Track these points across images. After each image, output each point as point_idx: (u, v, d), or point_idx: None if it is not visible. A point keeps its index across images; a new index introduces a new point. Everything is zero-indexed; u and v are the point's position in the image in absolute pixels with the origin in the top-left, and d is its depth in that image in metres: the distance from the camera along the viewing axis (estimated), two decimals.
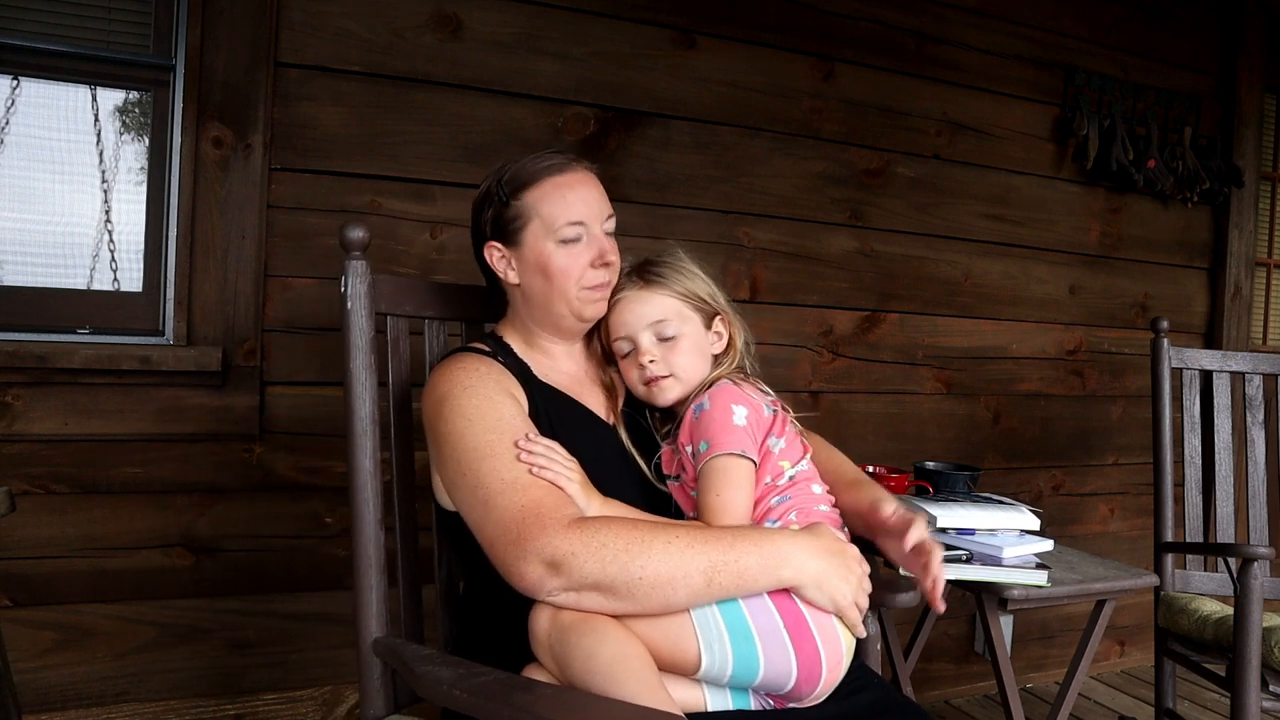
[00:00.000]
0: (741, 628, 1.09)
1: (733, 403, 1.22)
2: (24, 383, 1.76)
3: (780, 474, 1.22)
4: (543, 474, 1.12)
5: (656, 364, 1.27)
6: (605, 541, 1.05)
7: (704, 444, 1.19)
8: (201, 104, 1.86)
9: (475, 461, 1.13)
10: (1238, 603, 1.86)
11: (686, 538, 1.08)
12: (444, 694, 1.04)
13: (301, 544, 2.00)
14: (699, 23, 2.33)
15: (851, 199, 2.55)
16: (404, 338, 1.41)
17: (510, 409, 1.19)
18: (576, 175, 1.28)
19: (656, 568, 1.05)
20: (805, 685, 1.12)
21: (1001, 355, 2.82)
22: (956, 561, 1.66)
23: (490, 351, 1.28)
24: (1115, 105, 2.89)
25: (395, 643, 1.22)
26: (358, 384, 1.26)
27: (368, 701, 1.25)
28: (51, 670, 1.82)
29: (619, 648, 1.04)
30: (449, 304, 1.47)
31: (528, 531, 1.06)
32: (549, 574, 1.04)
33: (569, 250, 1.25)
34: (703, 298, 1.31)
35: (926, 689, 2.75)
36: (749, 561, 1.08)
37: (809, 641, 1.11)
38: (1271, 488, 2.36)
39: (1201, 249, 3.16)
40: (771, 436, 1.23)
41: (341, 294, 1.28)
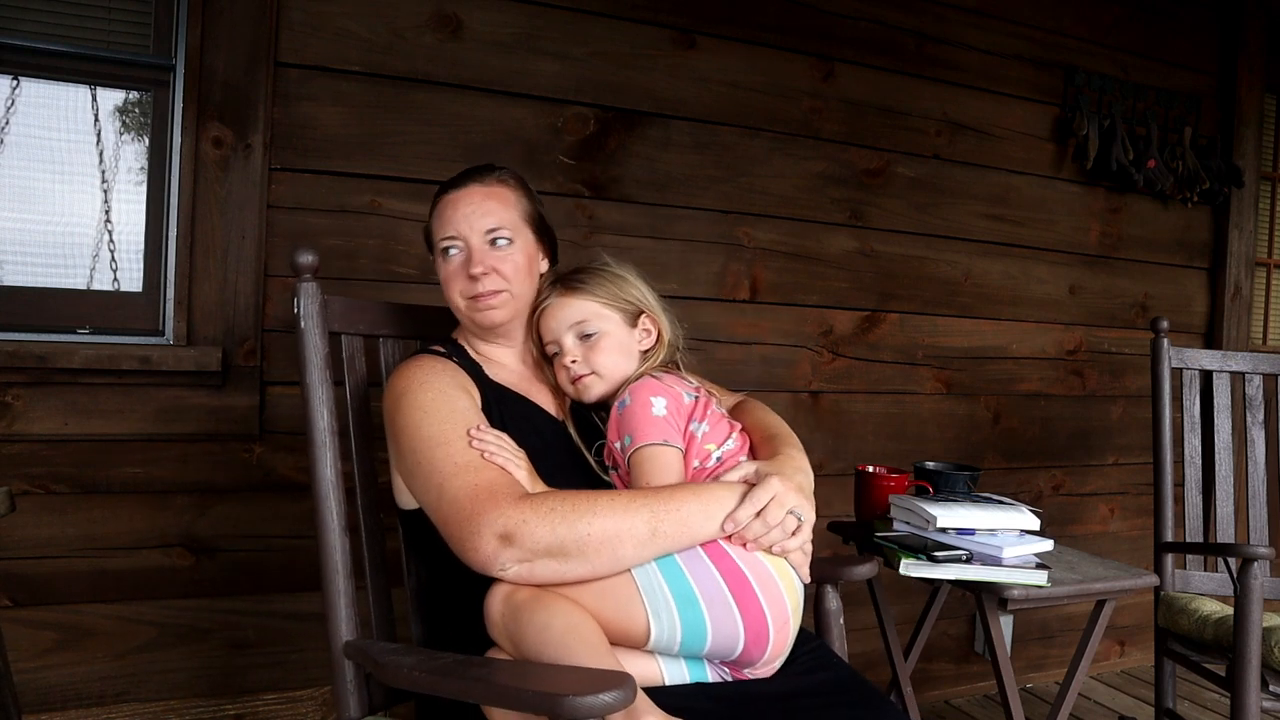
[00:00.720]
0: (686, 593, 1.14)
1: (651, 395, 1.28)
2: (24, 383, 1.76)
3: (707, 456, 1.28)
4: (493, 459, 1.18)
5: (579, 364, 1.35)
6: (553, 506, 1.12)
7: (628, 438, 1.26)
8: (201, 104, 1.86)
9: (430, 449, 1.19)
10: (1238, 603, 1.86)
11: (628, 495, 1.17)
12: (405, 676, 1.10)
13: (301, 544, 2.00)
14: (699, 23, 2.33)
15: (851, 199, 2.55)
16: (359, 354, 1.47)
17: (463, 402, 1.27)
18: (464, 191, 1.38)
19: (603, 524, 1.11)
20: (754, 648, 1.16)
21: (1001, 355, 2.82)
22: (956, 561, 1.66)
23: (445, 353, 1.37)
24: (1115, 105, 2.89)
25: (364, 643, 1.26)
26: (315, 397, 1.32)
27: (342, 704, 1.28)
28: (51, 670, 1.82)
29: (568, 619, 1.09)
30: (402, 323, 1.54)
31: (480, 507, 1.12)
32: (502, 546, 1.10)
33: (447, 264, 1.37)
34: (624, 298, 1.38)
35: (926, 689, 2.75)
36: (690, 508, 1.16)
37: (753, 601, 1.15)
38: (1271, 488, 2.36)
39: (1201, 249, 3.16)
40: (694, 421, 1.29)
41: (295, 314, 1.34)
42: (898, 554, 1.68)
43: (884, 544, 1.75)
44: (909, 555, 1.67)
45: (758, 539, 1.18)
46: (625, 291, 1.38)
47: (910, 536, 1.78)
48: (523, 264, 1.37)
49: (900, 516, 1.85)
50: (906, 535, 1.79)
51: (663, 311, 1.41)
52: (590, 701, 0.91)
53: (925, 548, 1.69)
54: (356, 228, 2.02)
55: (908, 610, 2.58)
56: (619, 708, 0.92)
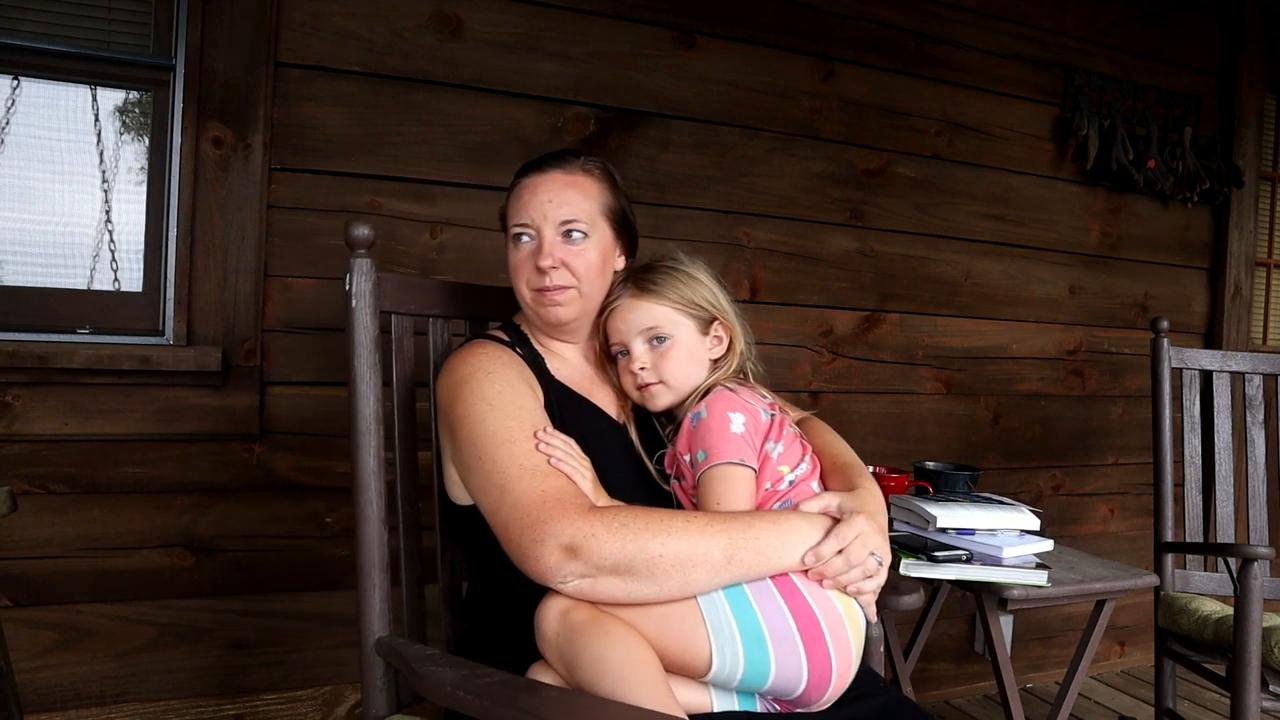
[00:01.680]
0: (754, 630, 1.08)
1: (729, 410, 1.22)
2: (24, 383, 1.76)
3: (780, 479, 1.22)
4: (559, 466, 1.12)
5: (647, 371, 1.29)
6: (625, 522, 1.06)
7: (702, 453, 1.20)
8: (201, 104, 1.86)
9: (494, 446, 1.13)
10: (1238, 603, 1.86)
11: (705, 518, 1.10)
12: (447, 695, 1.03)
13: (301, 544, 2.00)
14: (699, 23, 2.33)
15: (851, 199, 2.55)
16: (408, 336, 1.40)
17: (530, 400, 1.20)
18: (543, 177, 1.30)
19: (676, 545, 1.05)
20: (815, 690, 1.11)
21: (1001, 355, 2.82)
22: (956, 561, 1.66)
23: (510, 341, 1.30)
24: (1115, 105, 2.89)
25: (398, 642, 1.21)
26: (362, 383, 1.26)
27: (370, 701, 1.25)
28: (52, 670, 1.82)
29: (629, 651, 1.04)
30: (454, 302, 1.47)
31: (547, 515, 1.06)
32: (566, 559, 1.04)
33: (518, 251, 1.29)
34: (698, 304, 1.30)
35: (926, 689, 2.75)
36: (768, 538, 1.10)
37: (820, 644, 1.10)
38: (1271, 488, 2.36)
39: (1201, 249, 3.16)
40: (769, 441, 1.23)
41: (346, 292, 1.27)
42: (898, 554, 1.68)
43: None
44: (909, 555, 1.67)
45: (837, 577, 1.12)
46: (699, 295, 1.30)
47: (910, 536, 1.78)
48: (595, 261, 1.29)
49: (900, 516, 1.85)
50: (906, 535, 1.79)
51: (737, 318, 1.34)
52: None
53: (925, 548, 1.69)
54: None
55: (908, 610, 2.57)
56: None
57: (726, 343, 1.33)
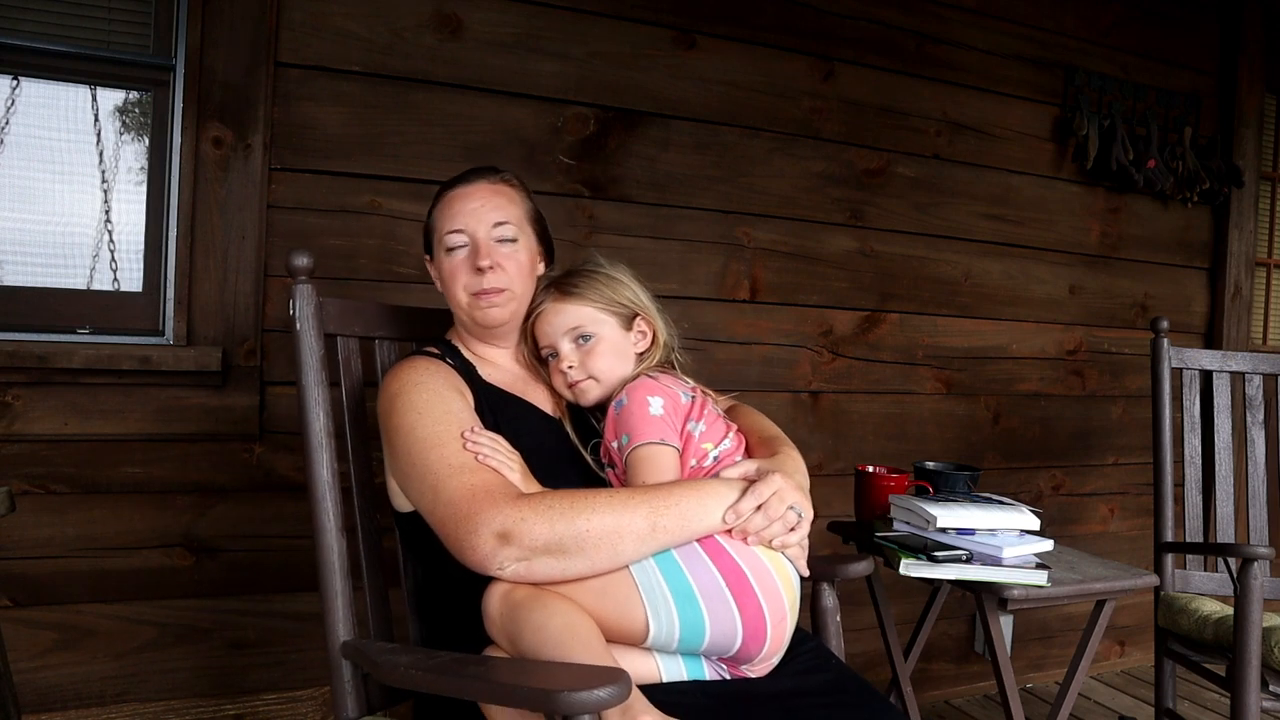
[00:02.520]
0: (685, 589, 1.14)
1: (648, 395, 1.29)
2: (24, 383, 1.76)
3: (704, 455, 1.28)
4: (486, 462, 1.18)
5: (576, 369, 1.35)
6: (551, 504, 1.13)
7: (625, 437, 1.26)
8: (201, 104, 1.86)
9: (425, 451, 1.19)
10: (1238, 603, 1.86)
11: (626, 492, 1.18)
12: (402, 675, 1.10)
13: (301, 544, 1.99)
14: (699, 23, 2.33)
15: (851, 199, 2.55)
16: (354, 355, 1.47)
17: (457, 404, 1.27)
18: (471, 187, 1.38)
19: (602, 520, 1.12)
20: (752, 643, 1.16)
21: (1001, 355, 2.82)
22: (956, 561, 1.66)
23: (440, 354, 1.37)
24: (1115, 105, 2.89)
25: (361, 643, 1.27)
26: (310, 399, 1.33)
27: (340, 704, 1.28)
28: (51, 670, 1.82)
29: (566, 618, 1.10)
30: (397, 325, 1.54)
31: (477, 506, 1.12)
32: (500, 544, 1.10)
33: (452, 258, 1.35)
34: (620, 302, 1.37)
35: (926, 689, 2.75)
36: (688, 503, 1.16)
37: (750, 597, 1.15)
38: (1271, 488, 2.35)
39: (1201, 249, 3.16)
40: (691, 421, 1.29)
41: (290, 316, 1.35)
42: (898, 554, 1.68)
43: (884, 544, 1.75)
44: (909, 555, 1.66)
45: (759, 532, 1.18)
46: (620, 294, 1.38)
47: (910, 536, 1.78)
48: (525, 263, 1.37)
49: (900, 516, 1.85)
50: (906, 535, 1.79)
51: (658, 313, 1.41)
52: (585, 697, 0.91)
53: (925, 548, 1.68)
54: (356, 228, 2.02)
55: (908, 610, 2.57)
56: (614, 703, 0.93)
57: (650, 336, 1.40)
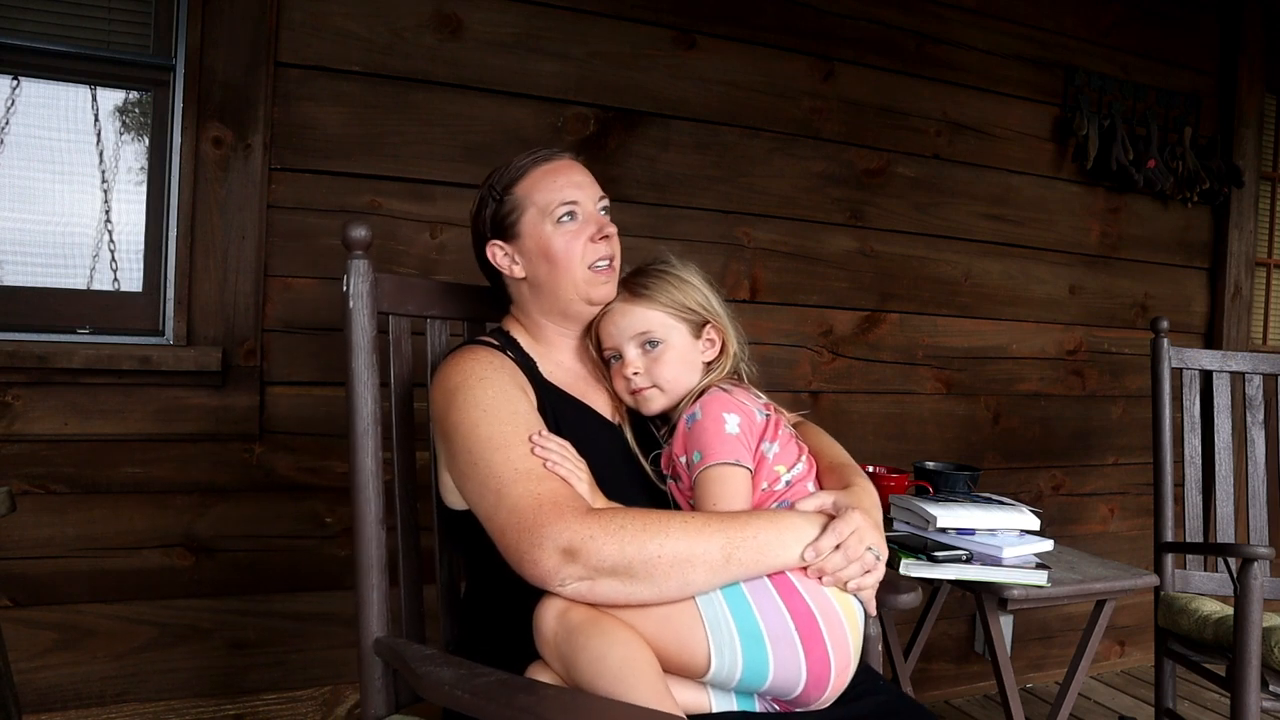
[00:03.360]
0: (753, 630, 1.08)
1: (724, 411, 1.22)
2: (24, 383, 1.76)
3: (776, 479, 1.22)
4: (555, 469, 1.12)
5: (640, 376, 1.29)
6: (623, 524, 1.06)
7: (698, 454, 1.20)
8: (201, 104, 1.86)
9: (489, 451, 1.13)
10: (1238, 603, 1.86)
11: (702, 519, 1.10)
12: (445, 694, 1.03)
13: (301, 544, 2.00)
14: (699, 23, 2.33)
15: (851, 199, 2.55)
16: (406, 337, 1.41)
17: (524, 404, 1.20)
18: (562, 162, 1.32)
19: (675, 545, 1.05)
20: (814, 689, 1.11)
21: (1001, 355, 2.82)
22: (956, 561, 1.66)
23: (500, 345, 1.29)
24: (1115, 105, 2.89)
25: (396, 643, 1.21)
26: (360, 383, 1.26)
27: (369, 701, 1.25)
28: (51, 670, 1.82)
29: (628, 651, 1.04)
30: (451, 303, 1.47)
31: (544, 518, 1.05)
32: (564, 561, 1.04)
33: (566, 230, 1.27)
34: (691, 307, 1.30)
35: (926, 689, 2.75)
36: (766, 536, 1.10)
37: (818, 643, 1.10)
38: (1271, 488, 2.36)
39: (1201, 249, 3.16)
40: (765, 441, 1.23)
41: (344, 293, 1.27)
42: (898, 554, 1.68)
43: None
44: (909, 555, 1.67)
45: (835, 573, 1.12)
46: (691, 298, 1.30)
47: (910, 536, 1.78)
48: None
49: (900, 516, 1.85)
50: (906, 535, 1.79)
51: (729, 320, 1.34)
52: None
53: (925, 548, 1.69)
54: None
55: (908, 610, 2.57)
56: None
57: (719, 345, 1.32)
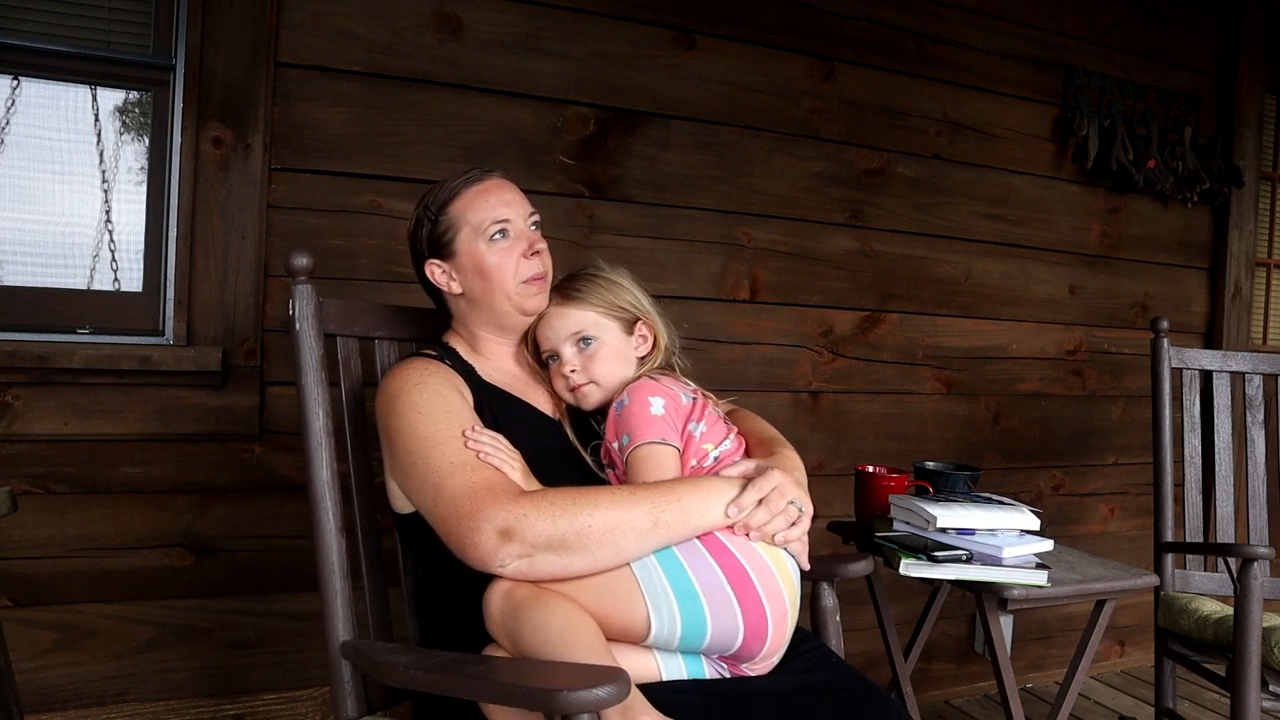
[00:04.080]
0: (687, 587, 1.14)
1: (650, 395, 1.29)
2: (24, 383, 1.76)
3: (704, 456, 1.29)
4: (488, 460, 1.18)
5: (578, 373, 1.36)
6: (553, 500, 1.13)
7: (626, 437, 1.27)
8: (201, 104, 1.86)
9: (426, 450, 1.19)
10: (1238, 603, 1.86)
11: (629, 489, 1.18)
12: (401, 675, 1.11)
13: (301, 544, 1.99)
14: (699, 23, 2.33)
15: (851, 199, 2.55)
16: (354, 355, 1.47)
17: (458, 403, 1.27)
18: (493, 181, 1.38)
19: (604, 515, 1.12)
20: (753, 641, 1.16)
21: (1001, 355, 2.82)
22: (956, 561, 1.66)
23: (437, 355, 1.36)
24: (1115, 105, 2.89)
25: (361, 644, 1.27)
26: (310, 399, 1.33)
27: (339, 704, 1.28)
28: (51, 670, 1.82)
29: (567, 618, 1.10)
30: (398, 325, 1.54)
31: (479, 503, 1.12)
32: (502, 541, 1.10)
33: (499, 247, 1.35)
34: (622, 306, 1.38)
35: (926, 689, 2.75)
36: (690, 499, 1.17)
37: (752, 594, 1.16)
38: (1271, 488, 2.36)
39: (1201, 249, 3.16)
40: (692, 422, 1.30)
41: (290, 316, 1.35)
42: (898, 554, 1.68)
43: (884, 544, 1.75)
44: (909, 555, 1.66)
45: (761, 527, 1.18)
46: (621, 299, 1.39)
47: (910, 536, 1.78)
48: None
49: (900, 516, 1.85)
50: (906, 535, 1.79)
51: (659, 317, 1.42)
52: (584, 696, 0.91)
53: (925, 548, 1.69)
54: (356, 228, 2.02)
55: (908, 610, 2.57)
56: (613, 702, 0.93)
57: (651, 340, 1.40)
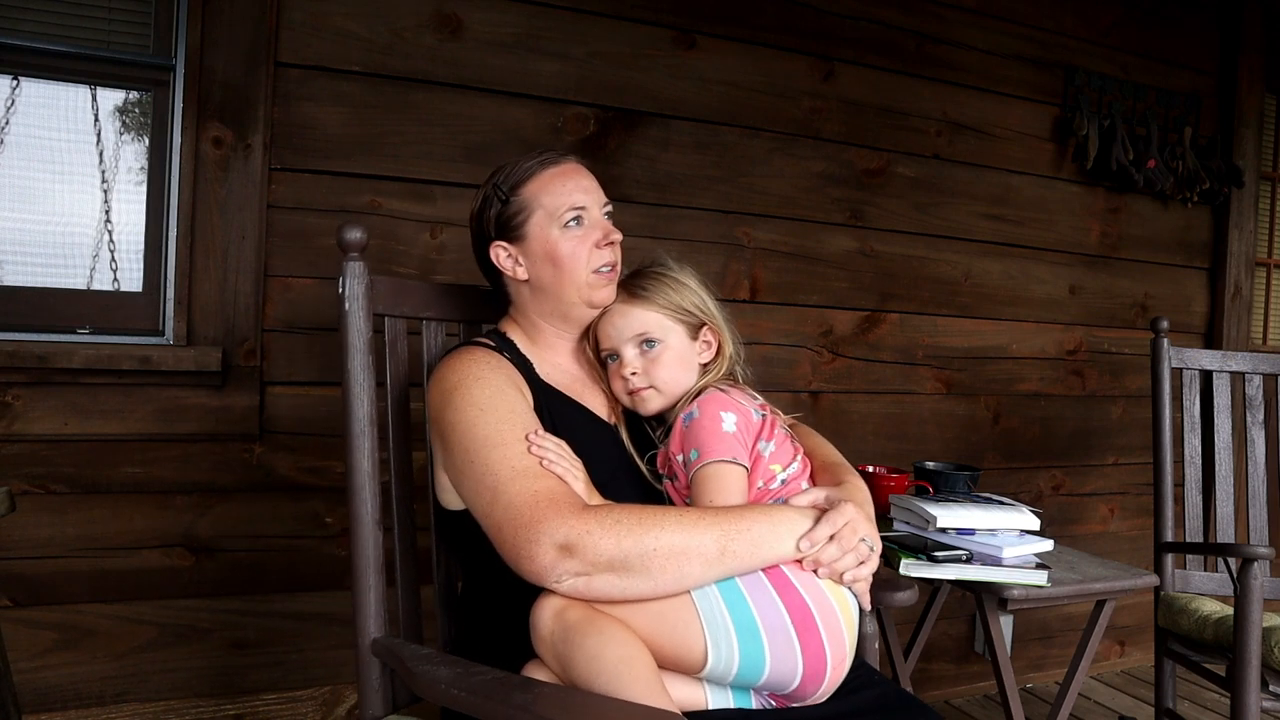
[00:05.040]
0: (748, 624, 1.09)
1: (721, 410, 1.23)
2: (24, 383, 1.76)
3: (772, 477, 1.24)
4: (551, 468, 1.13)
5: (638, 376, 1.30)
6: (619, 519, 1.07)
7: (694, 452, 1.21)
8: (201, 104, 1.86)
9: (486, 450, 1.13)
10: (1238, 603, 1.86)
11: (697, 513, 1.11)
12: (441, 693, 1.03)
13: (301, 544, 2.00)
14: (699, 23, 2.33)
15: (851, 199, 2.55)
16: (402, 338, 1.42)
17: (520, 403, 1.21)
18: (570, 165, 1.32)
19: (670, 539, 1.06)
20: (810, 683, 1.11)
21: (1001, 355, 2.82)
22: (956, 561, 1.66)
23: (496, 346, 1.30)
24: (1115, 105, 2.89)
25: (393, 643, 1.22)
26: (355, 384, 1.26)
27: (366, 702, 1.25)
28: (51, 670, 1.82)
29: (624, 649, 1.04)
30: (447, 305, 1.48)
31: (541, 514, 1.06)
32: (561, 557, 1.05)
33: (573, 234, 1.28)
34: (688, 309, 1.32)
35: (926, 689, 2.75)
36: (760, 529, 1.11)
37: (814, 635, 1.10)
38: (1271, 488, 2.36)
39: (1201, 249, 3.16)
40: (761, 441, 1.25)
41: (339, 295, 1.28)
42: (898, 554, 1.68)
43: (884, 544, 1.74)
44: (909, 555, 1.66)
45: (831, 564, 1.13)
46: (688, 300, 1.33)
47: (910, 536, 1.78)
48: None
49: (900, 516, 1.85)
50: (906, 535, 1.79)
51: (725, 323, 1.36)
52: None
53: (925, 548, 1.69)
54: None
55: (908, 610, 2.57)
56: None
57: (715, 347, 1.35)
